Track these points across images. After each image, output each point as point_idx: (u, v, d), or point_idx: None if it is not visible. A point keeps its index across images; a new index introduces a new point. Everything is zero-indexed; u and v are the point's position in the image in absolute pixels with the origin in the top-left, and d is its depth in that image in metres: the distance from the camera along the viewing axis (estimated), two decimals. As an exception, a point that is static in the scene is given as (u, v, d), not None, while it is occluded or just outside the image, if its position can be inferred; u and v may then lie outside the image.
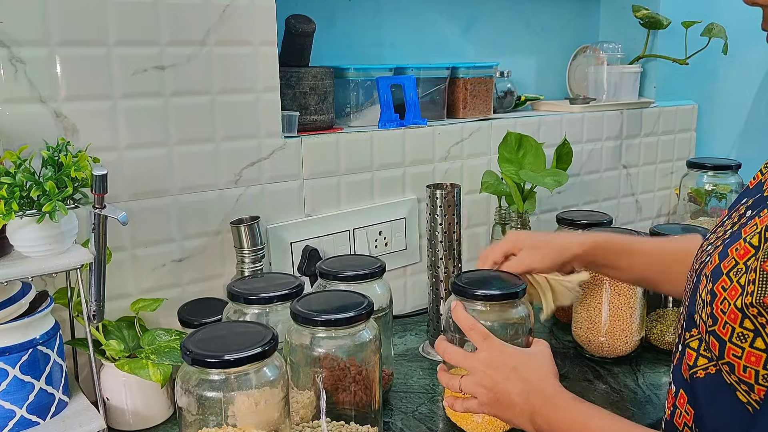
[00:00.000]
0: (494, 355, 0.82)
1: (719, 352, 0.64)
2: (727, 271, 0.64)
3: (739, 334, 0.62)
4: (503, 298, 0.92)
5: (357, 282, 1.01)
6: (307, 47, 1.27)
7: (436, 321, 1.21)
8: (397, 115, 1.37)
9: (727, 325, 0.63)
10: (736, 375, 0.63)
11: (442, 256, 1.19)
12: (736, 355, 0.63)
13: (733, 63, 1.89)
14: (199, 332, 0.80)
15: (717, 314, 0.64)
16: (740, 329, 0.62)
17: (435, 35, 1.59)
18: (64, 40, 0.97)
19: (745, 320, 0.61)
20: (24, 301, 0.87)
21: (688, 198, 1.69)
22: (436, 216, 1.18)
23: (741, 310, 0.61)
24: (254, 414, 0.76)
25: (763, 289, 0.60)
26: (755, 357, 0.61)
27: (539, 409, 0.77)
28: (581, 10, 1.85)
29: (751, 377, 0.62)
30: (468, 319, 0.86)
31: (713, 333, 0.65)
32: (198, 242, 1.14)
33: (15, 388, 0.85)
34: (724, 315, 0.63)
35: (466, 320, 0.87)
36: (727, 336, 0.63)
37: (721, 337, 0.64)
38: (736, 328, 0.62)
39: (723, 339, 0.64)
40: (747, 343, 0.61)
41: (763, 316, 0.60)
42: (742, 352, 0.62)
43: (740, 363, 0.62)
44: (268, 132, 1.18)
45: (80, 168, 0.84)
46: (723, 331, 0.64)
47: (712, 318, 0.65)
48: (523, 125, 1.52)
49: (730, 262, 0.64)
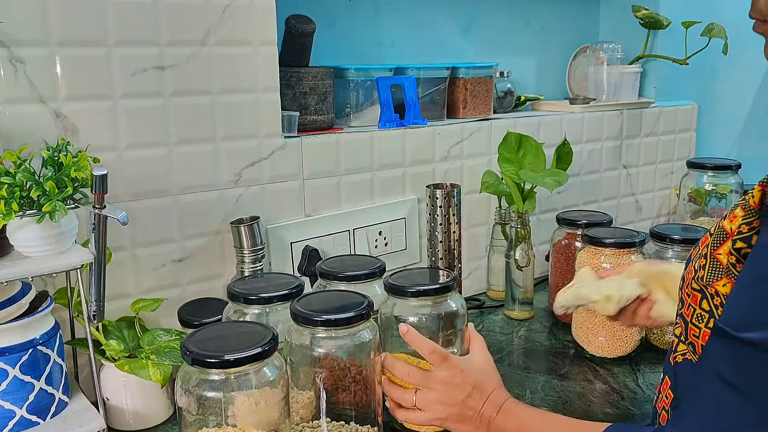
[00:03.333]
0: (454, 375, 0.88)
1: (685, 333, 0.69)
2: (693, 257, 0.70)
3: (698, 315, 0.67)
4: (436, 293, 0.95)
5: (357, 282, 1.01)
6: (307, 47, 1.27)
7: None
8: (397, 115, 1.37)
9: (690, 306, 0.68)
10: (697, 354, 0.67)
11: (442, 256, 1.19)
12: (695, 334, 0.67)
13: (733, 63, 1.89)
14: (199, 332, 0.80)
15: (684, 297, 0.70)
16: (699, 310, 0.66)
17: (435, 35, 1.59)
18: (64, 40, 0.97)
19: (703, 301, 0.66)
20: (24, 301, 0.87)
21: (688, 198, 1.69)
22: (436, 216, 1.18)
23: (699, 291, 0.66)
24: (254, 414, 0.76)
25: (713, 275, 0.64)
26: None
27: (494, 419, 0.85)
28: (581, 10, 1.85)
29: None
30: (426, 343, 0.90)
31: (681, 315, 0.70)
32: (198, 242, 1.14)
33: (15, 388, 0.85)
34: (689, 298, 0.68)
35: (424, 344, 0.90)
36: (689, 317, 0.68)
37: (686, 318, 0.69)
38: (696, 309, 0.67)
39: (687, 320, 0.68)
40: (703, 323, 0.66)
41: (718, 297, 0.64)
42: (699, 332, 0.66)
43: (698, 342, 0.66)
44: (268, 132, 1.18)
45: (80, 168, 0.84)
46: (687, 312, 0.69)
47: (681, 301, 0.71)
48: (523, 125, 1.52)
49: (696, 248, 0.71)
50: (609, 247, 1.19)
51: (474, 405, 0.87)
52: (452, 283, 0.96)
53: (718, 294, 0.64)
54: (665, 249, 1.24)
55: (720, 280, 0.64)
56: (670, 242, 1.23)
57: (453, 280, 0.97)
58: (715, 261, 0.65)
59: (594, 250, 1.21)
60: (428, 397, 0.89)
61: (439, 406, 0.88)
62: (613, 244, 1.18)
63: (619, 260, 1.18)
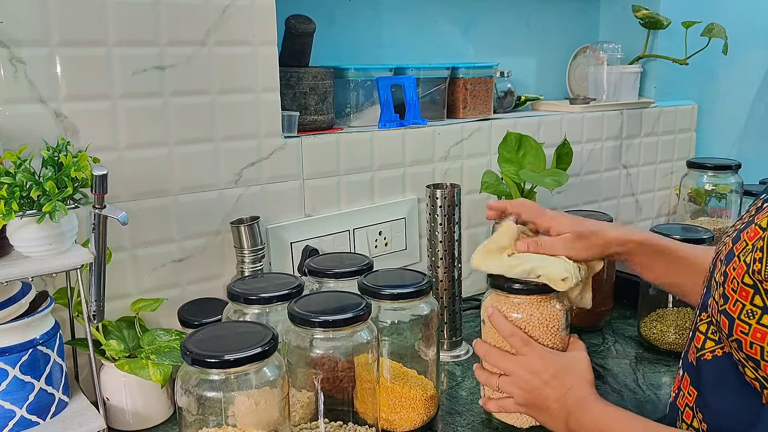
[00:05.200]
0: (534, 361, 0.86)
1: (728, 329, 0.67)
2: (738, 253, 0.68)
3: (748, 311, 0.65)
4: (412, 296, 0.95)
5: (345, 279, 1.02)
6: (307, 47, 1.27)
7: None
8: (397, 115, 1.37)
9: (738, 302, 0.66)
10: (743, 352, 0.66)
11: (442, 256, 1.19)
12: (744, 331, 0.65)
13: (733, 63, 1.89)
14: (199, 332, 0.80)
15: (728, 293, 0.67)
16: (750, 306, 0.65)
17: (435, 35, 1.59)
18: (64, 40, 0.97)
19: (755, 296, 0.64)
20: (24, 301, 0.87)
21: (688, 198, 1.69)
22: (436, 216, 1.18)
23: (753, 286, 0.64)
24: (254, 414, 0.76)
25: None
26: (761, 333, 0.64)
27: (573, 413, 0.81)
28: (581, 10, 1.85)
29: (757, 353, 0.64)
30: (507, 326, 0.89)
31: (724, 312, 0.68)
32: (198, 242, 1.14)
33: (15, 388, 0.85)
34: (735, 293, 0.66)
35: (505, 327, 0.90)
36: (736, 313, 0.66)
37: (731, 315, 0.67)
38: (747, 305, 0.65)
39: (732, 317, 0.66)
40: (754, 320, 0.64)
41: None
42: (749, 328, 0.65)
43: (747, 339, 0.65)
44: (268, 132, 1.18)
45: (80, 168, 0.84)
46: (733, 309, 0.66)
47: (723, 297, 0.68)
48: (523, 125, 1.52)
49: (741, 244, 0.68)
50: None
51: (551, 395, 0.84)
52: (426, 287, 0.96)
53: None
54: (665, 249, 1.24)
55: None
56: (670, 242, 1.23)
57: (428, 283, 0.97)
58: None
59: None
60: (507, 380, 0.88)
61: (517, 391, 0.87)
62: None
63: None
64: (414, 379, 0.99)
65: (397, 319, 0.96)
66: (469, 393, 1.09)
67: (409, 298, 0.95)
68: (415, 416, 0.96)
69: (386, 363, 0.98)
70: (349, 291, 0.94)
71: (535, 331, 0.91)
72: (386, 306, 0.95)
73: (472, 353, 1.23)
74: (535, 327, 0.91)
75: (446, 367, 1.18)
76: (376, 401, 0.91)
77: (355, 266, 1.04)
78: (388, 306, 0.95)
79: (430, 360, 1.00)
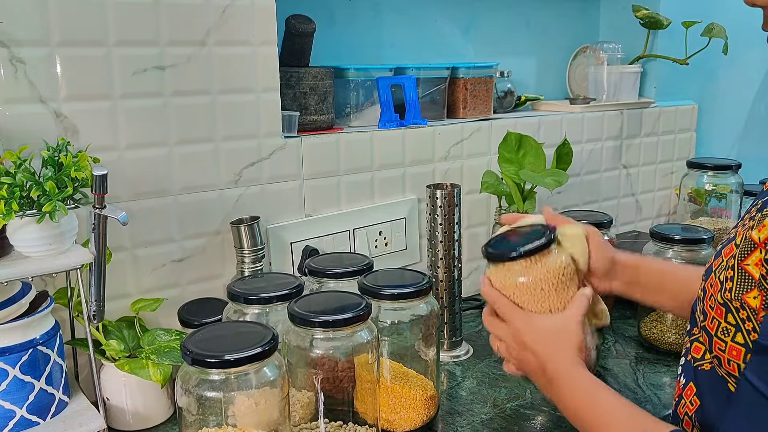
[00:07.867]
0: (512, 329, 0.85)
1: (708, 346, 0.67)
2: (715, 269, 0.67)
3: (723, 329, 0.65)
4: (411, 296, 0.95)
5: (345, 279, 1.02)
6: (307, 47, 1.27)
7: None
8: (397, 115, 1.37)
9: (714, 320, 0.66)
10: (723, 368, 0.65)
11: (442, 256, 1.19)
12: (721, 348, 0.65)
13: (733, 63, 1.89)
14: (199, 332, 0.80)
15: (707, 310, 0.67)
16: (725, 324, 0.64)
17: (435, 35, 1.59)
18: (64, 40, 0.97)
19: (728, 315, 0.64)
20: (24, 301, 0.87)
21: (688, 198, 1.69)
22: (436, 216, 1.18)
23: (724, 305, 0.64)
24: (254, 414, 0.76)
25: (742, 287, 0.62)
26: (736, 351, 0.63)
27: (553, 381, 0.80)
28: (581, 10, 1.85)
29: (734, 370, 0.64)
30: (492, 294, 0.86)
31: (704, 328, 0.68)
32: (198, 242, 1.14)
33: (15, 388, 0.85)
34: (712, 311, 0.66)
35: (489, 295, 0.87)
36: (713, 330, 0.66)
37: (709, 332, 0.66)
38: (722, 322, 0.65)
39: (711, 333, 0.66)
40: (729, 338, 0.64)
41: (744, 311, 0.62)
42: (725, 345, 0.64)
43: (725, 356, 0.65)
44: (268, 132, 1.18)
45: (80, 168, 0.84)
46: (711, 326, 0.66)
47: (703, 313, 0.68)
48: (523, 125, 1.52)
49: (719, 259, 0.68)
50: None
51: (527, 359, 0.83)
52: (426, 287, 0.96)
53: (745, 307, 0.62)
54: (665, 249, 1.24)
55: (750, 292, 0.61)
56: (670, 242, 1.23)
57: (428, 283, 0.97)
58: (743, 272, 0.62)
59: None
60: (502, 346, 0.87)
61: (511, 357, 0.86)
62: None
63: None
64: (414, 379, 0.99)
65: (397, 319, 0.96)
66: (469, 393, 1.09)
67: (409, 298, 0.95)
68: (415, 416, 0.96)
69: (386, 363, 0.98)
70: (349, 291, 0.94)
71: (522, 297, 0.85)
72: (386, 306, 0.95)
73: (473, 353, 1.23)
74: (523, 292, 0.85)
75: (446, 367, 1.18)
76: (376, 401, 0.91)
77: (355, 266, 1.04)
78: (388, 306, 0.95)
79: (430, 360, 1.00)
